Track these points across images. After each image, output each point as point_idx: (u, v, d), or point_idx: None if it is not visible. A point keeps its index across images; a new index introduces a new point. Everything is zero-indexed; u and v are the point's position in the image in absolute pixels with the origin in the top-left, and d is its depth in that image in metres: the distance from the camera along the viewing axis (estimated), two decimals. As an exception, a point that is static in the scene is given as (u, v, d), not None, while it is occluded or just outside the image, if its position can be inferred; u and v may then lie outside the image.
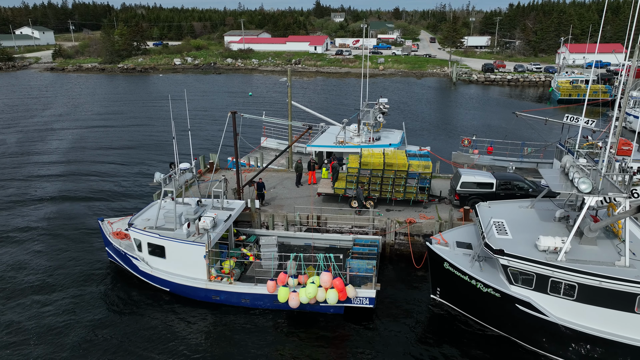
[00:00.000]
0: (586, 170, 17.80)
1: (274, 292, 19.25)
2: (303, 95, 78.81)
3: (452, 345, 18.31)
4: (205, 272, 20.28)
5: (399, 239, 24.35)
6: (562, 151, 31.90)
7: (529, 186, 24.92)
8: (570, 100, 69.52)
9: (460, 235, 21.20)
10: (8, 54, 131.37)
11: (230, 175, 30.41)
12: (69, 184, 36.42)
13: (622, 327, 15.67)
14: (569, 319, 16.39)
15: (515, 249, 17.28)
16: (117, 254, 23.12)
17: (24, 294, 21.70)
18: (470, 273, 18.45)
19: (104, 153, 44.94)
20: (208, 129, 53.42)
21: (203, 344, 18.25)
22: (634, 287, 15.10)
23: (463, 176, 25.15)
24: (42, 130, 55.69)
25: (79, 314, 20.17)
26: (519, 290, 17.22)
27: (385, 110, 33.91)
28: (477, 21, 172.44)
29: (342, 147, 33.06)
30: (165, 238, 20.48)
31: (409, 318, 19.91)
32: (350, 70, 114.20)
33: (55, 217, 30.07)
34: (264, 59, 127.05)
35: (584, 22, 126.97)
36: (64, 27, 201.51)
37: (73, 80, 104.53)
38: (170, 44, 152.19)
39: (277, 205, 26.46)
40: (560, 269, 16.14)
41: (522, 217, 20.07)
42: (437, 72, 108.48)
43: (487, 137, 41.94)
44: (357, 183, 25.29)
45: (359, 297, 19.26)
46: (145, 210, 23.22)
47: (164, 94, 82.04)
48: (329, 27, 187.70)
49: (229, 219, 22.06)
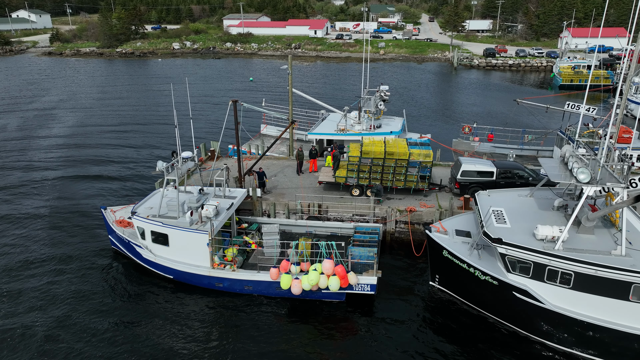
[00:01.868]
0: (585, 160, 17.97)
1: (276, 279, 19.63)
2: (303, 81, 78.40)
3: (449, 331, 18.76)
4: (208, 260, 20.62)
5: (400, 227, 24.65)
6: (563, 139, 31.98)
7: (529, 175, 25.09)
8: (572, 86, 69.19)
9: (459, 224, 21.48)
10: (5, 38, 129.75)
11: (232, 163, 30.58)
12: (70, 171, 36.57)
13: (616, 315, 16.04)
14: (565, 307, 16.75)
15: (513, 237, 17.56)
16: (121, 242, 23.44)
17: (27, 281, 22.07)
18: (469, 261, 18.78)
19: (105, 140, 44.94)
20: (209, 115, 53.31)
21: (206, 330, 18.68)
22: (628, 276, 15.43)
23: (463, 165, 25.32)
24: (41, 117, 55.57)
25: (82, 301, 20.57)
26: (517, 278, 17.57)
27: (386, 97, 33.83)
28: (479, 4, 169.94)
29: (343, 134, 33.12)
30: (168, 226, 20.75)
31: (409, 304, 20.32)
32: (351, 54, 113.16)
33: (58, 205, 30.31)
34: (263, 43, 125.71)
35: (588, 5, 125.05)
36: (60, 9, 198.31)
37: (71, 64, 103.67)
38: (168, 27, 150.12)
39: (278, 194, 26.69)
40: (557, 258, 16.44)
41: (521, 205, 20.32)
42: (438, 56, 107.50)
43: (488, 124, 41.91)
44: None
45: (360, 284, 19.63)
46: (147, 198, 23.42)
47: (164, 79, 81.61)
48: (329, 10, 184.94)
49: (231, 207, 22.30)
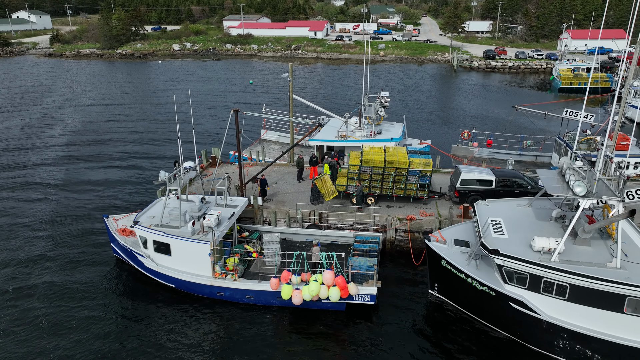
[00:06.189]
0: (582, 173, 18.24)
1: (277, 289, 19.90)
2: (303, 84, 78.55)
3: (448, 339, 19.02)
4: (210, 269, 20.88)
5: (399, 235, 24.92)
6: (561, 145, 32.26)
7: (528, 183, 25.36)
8: (572, 89, 69.44)
9: (458, 233, 21.74)
10: (5, 39, 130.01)
11: (232, 170, 30.82)
12: (72, 178, 36.76)
13: (611, 326, 16.30)
14: (560, 318, 17.02)
15: (510, 248, 17.82)
16: (123, 251, 23.70)
17: (29, 288, 22.31)
18: (467, 271, 19.06)
19: (106, 147, 45.07)
20: (209, 119, 53.52)
21: (207, 339, 18.94)
22: (623, 289, 15.69)
23: (463, 173, 25.58)
24: (42, 121, 55.74)
25: (84, 309, 20.82)
26: (513, 289, 17.84)
27: (386, 104, 34.09)
28: (478, 5, 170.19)
29: (343, 141, 33.36)
30: (170, 236, 21.01)
31: (408, 312, 20.60)
32: (351, 56, 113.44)
33: (60, 212, 30.55)
34: (263, 44, 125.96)
35: (587, 6, 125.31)
36: (60, 10, 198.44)
37: (72, 66, 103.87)
38: (168, 28, 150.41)
39: (279, 201, 26.95)
40: (552, 270, 16.71)
41: (519, 215, 20.57)
42: (438, 58, 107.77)
43: (487, 129, 42.21)
44: (357, 180, 25.70)
45: (360, 294, 19.89)
46: (150, 207, 23.66)
47: (165, 82, 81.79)
48: (329, 11, 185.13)
49: (232, 217, 22.57)
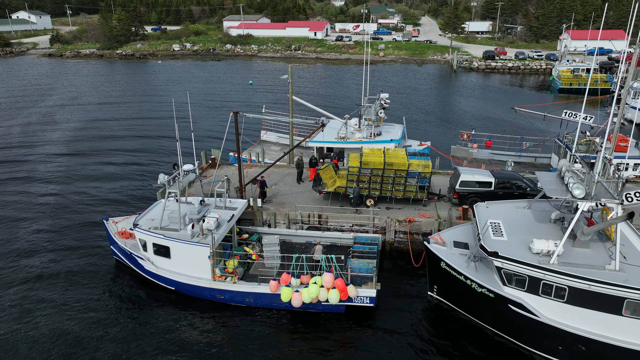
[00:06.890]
0: (581, 175, 18.27)
1: (276, 291, 19.93)
2: (303, 85, 78.59)
3: (447, 341, 19.05)
4: (209, 272, 20.90)
5: (399, 237, 24.95)
6: (561, 146, 32.29)
7: (527, 185, 25.39)
8: (571, 90, 69.48)
9: (457, 235, 21.76)
10: (5, 40, 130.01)
11: (232, 171, 30.84)
12: (72, 181, 36.72)
13: (609, 329, 16.33)
14: (559, 320, 17.05)
15: (509, 251, 17.85)
16: (123, 253, 23.73)
17: (29, 291, 22.33)
18: (466, 273, 19.09)
19: (106, 149, 45.06)
20: (209, 120, 53.61)
21: (207, 342, 18.96)
22: (621, 291, 15.72)
23: (462, 175, 25.60)
24: (42, 122, 55.69)
25: (83, 311, 20.85)
26: (512, 291, 17.87)
27: (386, 105, 34.12)
28: (478, 6, 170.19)
29: (343, 142, 33.39)
30: (170, 239, 21.03)
31: (408, 314, 20.62)
32: (351, 56, 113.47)
33: (60, 215, 30.52)
34: (263, 44, 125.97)
35: (587, 7, 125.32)
36: (60, 10, 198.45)
37: (72, 66, 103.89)
38: (168, 28, 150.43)
39: (278, 203, 26.98)
40: (551, 272, 16.74)
41: (518, 217, 20.60)
42: (437, 58, 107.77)
43: (486, 130, 42.24)
44: (355, 182, 25.70)
45: (360, 296, 19.92)
46: (149, 210, 23.67)
47: (165, 82, 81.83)
48: (329, 12, 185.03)
49: (232, 219, 22.58)
